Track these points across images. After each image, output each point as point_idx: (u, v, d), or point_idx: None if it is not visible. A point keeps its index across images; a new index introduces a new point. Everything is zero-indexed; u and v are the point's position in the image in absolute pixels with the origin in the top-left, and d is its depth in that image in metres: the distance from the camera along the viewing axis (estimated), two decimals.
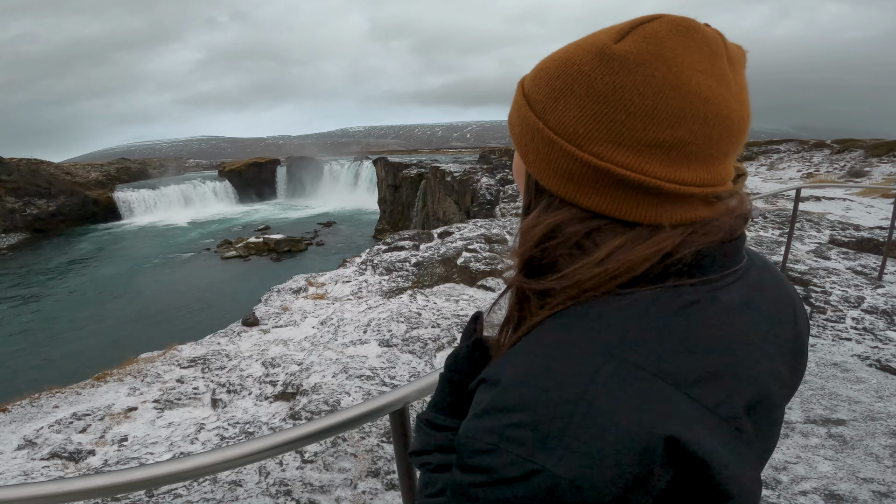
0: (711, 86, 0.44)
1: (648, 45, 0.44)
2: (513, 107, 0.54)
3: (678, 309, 0.44)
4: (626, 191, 0.45)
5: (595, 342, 0.42)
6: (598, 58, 0.46)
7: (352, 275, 6.99)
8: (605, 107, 0.45)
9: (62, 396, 3.55)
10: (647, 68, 0.44)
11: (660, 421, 0.39)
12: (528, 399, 0.41)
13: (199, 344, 4.63)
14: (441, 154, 51.40)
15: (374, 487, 2.21)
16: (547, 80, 0.49)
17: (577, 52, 0.47)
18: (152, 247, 31.00)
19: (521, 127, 0.51)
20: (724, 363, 0.44)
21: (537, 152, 0.49)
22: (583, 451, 0.38)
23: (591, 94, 0.45)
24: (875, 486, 2.29)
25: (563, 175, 0.47)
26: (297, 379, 3.37)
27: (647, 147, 0.44)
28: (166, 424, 3.15)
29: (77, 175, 40.21)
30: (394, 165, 30.78)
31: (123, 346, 12.18)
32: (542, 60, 0.52)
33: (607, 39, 0.46)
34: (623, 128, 0.44)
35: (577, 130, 0.46)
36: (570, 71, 0.47)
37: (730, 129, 0.46)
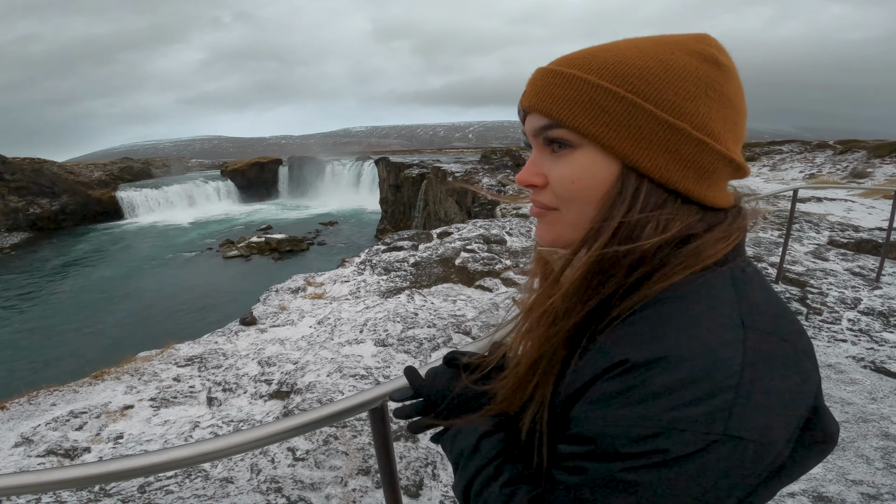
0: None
1: (728, 57, 0.53)
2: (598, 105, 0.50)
3: (751, 280, 0.51)
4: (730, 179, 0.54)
5: (725, 315, 0.46)
6: (716, 67, 0.51)
7: (350, 275, 7.01)
8: (732, 110, 0.52)
9: (60, 394, 3.58)
10: (738, 78, 0.53)
11: (808, 378, 0.46)
12: (695, 375, 0.42)
13: (197, 343, 4.65)
14: (443, 154, 51.41)
15: (364, 485, 2.22)
16: (668, 79, 0.50)
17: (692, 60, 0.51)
18: (154, 246, 31.10)
19: (634, 129, 0.50)
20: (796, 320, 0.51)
21: (673, 154, 0.50)
22: (759, 413, 0.41)
23: (723, 98, 0.51)
24: (864, 488, 2.29)
25: (703, 172, 0.51)
26: (291, 378, 3.39)
27: (741, 140, 0.54)
28: (162, 422, 3.17)
29: (80, 174, 40.36)
30: (395, 165, 30.80)
31: (124, 345, 12.23)
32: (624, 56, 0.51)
33: (711, 50, 0.52)
34: (738, 127, 0.53)
35: (719, 131, 0.51)
36: (697, 74, 0.51)
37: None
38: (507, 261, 6.81)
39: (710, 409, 0.41)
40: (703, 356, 0.42)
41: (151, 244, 31.75)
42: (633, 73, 0.50)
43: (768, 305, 0.49)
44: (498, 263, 6.66)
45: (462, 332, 4.20)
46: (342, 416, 1.16)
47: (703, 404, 0.41)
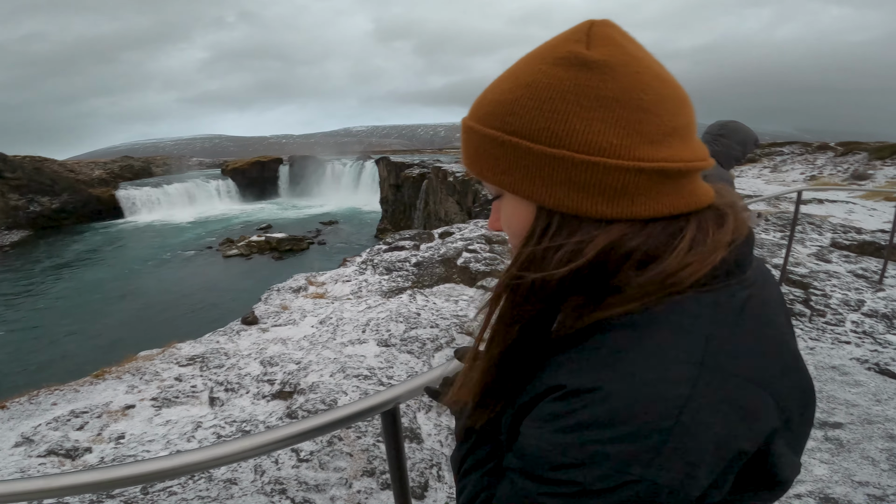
0: (667, 72, 0.47)
1: (613, 48, 0.45)
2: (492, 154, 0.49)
3: (739, 309, 0.45)
4: (672, 184, 0.46)
5: (684, 350, 0.42)
6: (584, 68, 0.45)
7: (352, 274, 7.00)
8: (624, 110, 0.44)
9: (61, 394, 3.56)
10: (630, 67, 0.45)
11: (754, 425, 0.42)
12: (625, 412, 0.40)
13: (199, 342, 4.64)
14: (443, 154, 51.41)
15: (369, 487, 2.21)
16: (537, 107, 0.46)
17: (554, 69, 0.46)
18: (154, 245, 31.09)
19: (525, 169, 0.47)
20: (785, 358, 0.47)
21: (567, 184, 0.45)
22: (684, 461, 0.39)
23: (602, 102, 0.44)
24: (870, 489, 2.28)
25: (611, 192, 0.45)
26: (294, 378, 3.37)
27: (668, 136, 0.45)
28: (164, 422, 3.16)
29: (81, 173, 40.34)
30: (396, 165, 30.79)
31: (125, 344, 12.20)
32: (492, 94, 0.49)
33: (577, 48, 0.45)
34: (647, 126, 0.44)
35: (611, 142, 0.44)
36: (562, 87, 0.45)
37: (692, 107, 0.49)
38: (510, 261, 6.80)
39: (633, 449, 0.39)
40: (640, 392, 0.40)
41: (151, 243, 31.74)
42: (505, 110, 0.47)
43: (750, 341, 0.44)
44: (500, 264, 6.65)
45: (465, 333, 4.19)
46: (355, 420, 1.15)
47: (627, 443, 0.39)
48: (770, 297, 0.51)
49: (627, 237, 0.45)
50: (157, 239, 32.73)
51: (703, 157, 0.48)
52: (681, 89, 0.47)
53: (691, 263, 0.44)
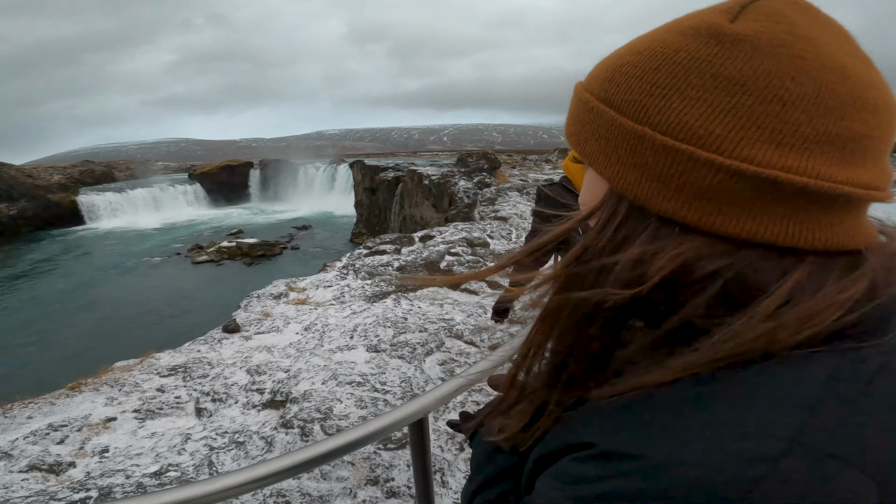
0: (867, 70, 0.36)
1: (778, 23, 0.36)
2: (579, 120, 0.44)
3: (868, 379, 0.34)
4: (794, 205, 0.35)
5: (770, 421, 0.32)
6: (714, 40, 0.36)
7: (333, 279, 6.91)
8: (748, 97, 0.34)
9: (36, 407, 3.40)
10: (790, 49, 0.35)
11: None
12: (675, 490, 0.31)
13: (179, 352, 4.50)
14: (418, 157, 51.45)
15: (373, 496, 2.18)
16: (639, 75, 0.38)
17: (677, 38, 0.38)
18: (118, 252, 29.98)
19: (604, 141, 0.40)
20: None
21: (643, 168, 0.38)
22: None
23: (720, 84, 0.35)
24: None
25: (694, 193, 0.36)
26: (285, 386, 3.31)
27: (817, 144, 0.34)
28: (149, 435, 3.05)
29: (39, 178, 38.63)
30: (370, 168, 30.59)
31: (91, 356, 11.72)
32: (609, 57, 0.43)
33: (717, 19, 0.37)
34: (779, 122, 0.34)
35: (711, 130, 0.35)
36: (677, 58, 0.37)
37: (894, 120, 0.37)
38: (492, 263, 6.83)
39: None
40: (699, 467, 0.31)
41: (114, 250, 30.60)
42: (606, 75, 0.41)
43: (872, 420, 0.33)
44: (483, 266, 6.69)
45: (454, 336, 4.18)
46: (386, 433, 1.14)
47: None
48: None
49: (707, 258, 0.36)
50: (121, 246, 31.58)
51: (871, 184, 0.35)
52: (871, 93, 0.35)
53: (783, 325, 0.34)
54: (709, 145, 0.35)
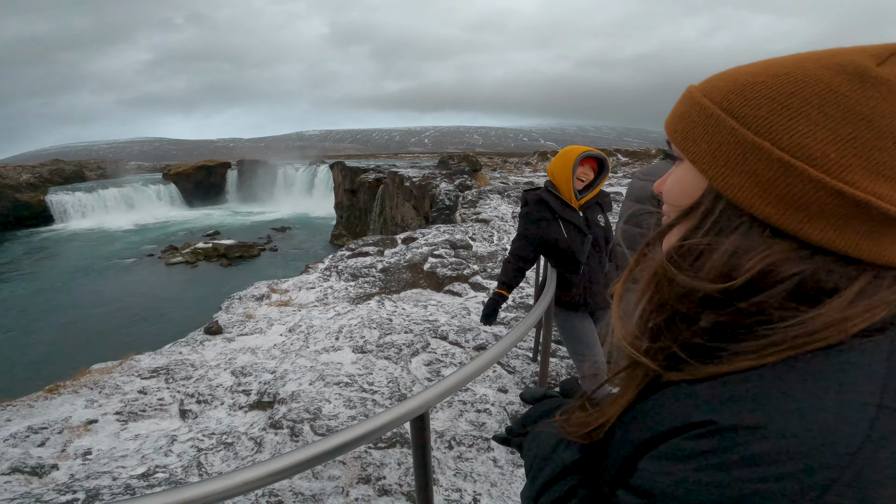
0: None
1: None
2: (691, 121, 0.48)
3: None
4: (873, 226, 0.41)
5: (860, 392, 0.38)
6: (858, 79, 0.41)
7: (316, 281, 6.88)
8: (868, 132, 0.40)
9: (14, 409, 3.32)
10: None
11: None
12: (794, 450, 0.36)
13: (160, 353, 4.43)
14: (399, 159, 51.34)
15: (366, 494, 2.21)
16: (772, 97, 0.43)
17: (821, 71, 0.43)
18: (88, 253, 29.12)
19: (716, 144, 0.46)
20: None
21: (751, 175, 0.43)
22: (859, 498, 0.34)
23: (848, 116, 0.40)
24: None
25: (794, 203, 0.41)
26: (272, 387, 3.30)
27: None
28: (132, 437, 3.01)
29: (7, 177, 37.29)
30: (351, 170, 30.41)
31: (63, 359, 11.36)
32: (736, 73, 0.47)
33: (866, 61, 0.42)
34: (888, 157, 0.40)
35: (827, 155, 0.40)
36: (816, 89, 0.42)
37: None
38: (475, 265, 6.90)
39: (802, 486, 0.35)
40: (812, 430, 0.36)
41: (85, 251, 29.70)
42: (733, 89, 0.46)
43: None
44: (466, 268, 6.74)
45: (439, 337, 4.23)
46: (387, 429, 1.17)
47: (795, 480, 0.35)
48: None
49: (791, 260, 0.42)
50: (92, 247, 30.67)
51: None
52: None
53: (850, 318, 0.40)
54: (821, 166, 0.40)
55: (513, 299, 5.34)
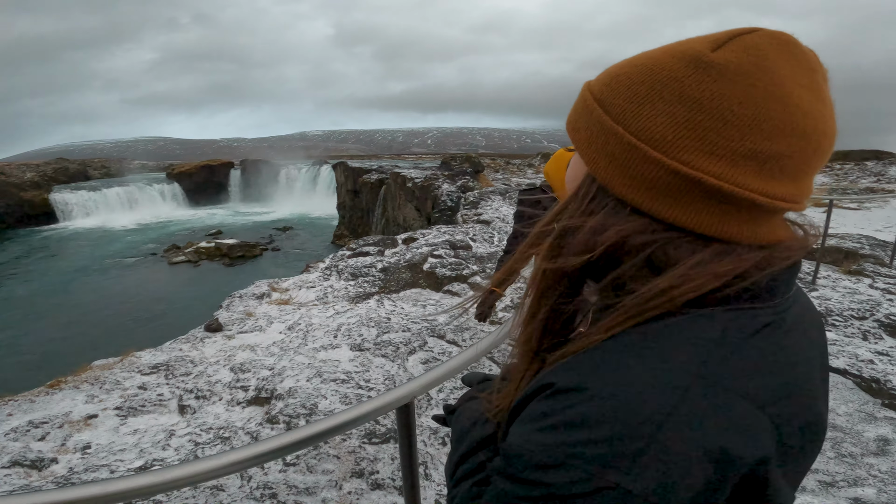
0: (811, 100, 0.44)
1: (749, 55, 0.43)
2: (578, 111, 0.52)
3: (755, 331, 0.44)
4: (712, 203, 0.44)
5: (681, 361, 0.41)
6: (692, 65, 0.44)
7: (316, 280, 6.93)
8: (700, 114, 0.43)
9: (15, 404, 3.36)
10: (748, 78, 0.42)
11: (742, 442, 0.39)
12: (611, 414, 0.38)
13: (160, 350, 4.48)
14: (402, 159, 51.38)
15: (359, 488, 2.24)
16: (628, 85, 0.47)
17: (666, 59, 0.46)
18: (91, 252, 29.24)
19: (589, 132, 0.50)
20: (794, 384, 0.45)
21: (611, 157, 0.47)
22: (659, 470, 0.37)
23: (683, 100, 0.43)
24: (821, 476, 2.48)
25: (643, 182, 0.45)
26: (269, 384, 3.34)
27: (742, 158, 0.42)
28: (131, 431, 3.05)
29: (11, 175, 37.48)
30: (354, 170, 30.49)
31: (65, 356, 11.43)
32: (615, 66, 0.51)
33: (702, 48, 0.45)
34: (718, 136, 0.42)
35: (665, 136, 0.44)
36: (660, 76, 0.45)
37: (822, 146, 0.45)
38: (474, 266, 6.94)
39: (612, 452, 0.37)
40: (627, 395, 0.39)
41: (88, 250, 29.83)
42: (606, 81, 0.50)
43: (757, 363, 0.42)
44: (465, 269, 6.78)
45: (437, 336, 4.26)
46: (372, 416, 1.20)
47: (605, 446, 0.38)
48: (799, 328, 0.49)
49: (642, 234, 0.45)
50: (95, 246, 30.81)
51: (780, 196, 0.44)
52: (804, 121, 0.43)
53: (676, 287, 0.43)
54: (660, 148, 0.44)
55: (510, 299, 5.37)
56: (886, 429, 2.91)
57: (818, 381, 0.49)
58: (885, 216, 10.81)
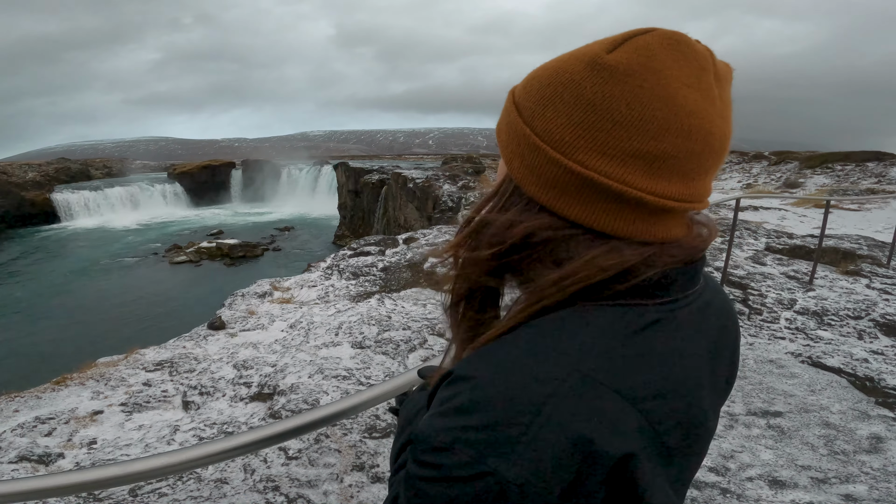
0: (697, 100, 0.45)
1: (640, 56, 0.45)
2: (502, 113, 0.54)
3: (640, 328, 0.45)
4: (606, 201, 0.46)
5: (562, 354, 0.43)
6: (589, 67, 0.46)
7: (318, 279, 6.99)
8: (593, 115, 0.45)
9: (22, 400, 3.43)
10: (636, 79, 0.44)
11: (608, 436, 0.40)
12: (490, 402, 0.41)
13: (164, 348, 4.54)
14: (403, 160, 51.45)
15: (360, 481, 2.30)
16: (537, 88, 0.49)
17: (570, 62, 0.48)
18: (93, 251, 29.31)
19: (507, 133, 0.52)
20: (674, 382, 0.46)
21: (522, 157, 0.49)
22: (532, 458, 0.39)
23: (579, 102, 0.45)
24: (813, 472, 2.52)
25: (547, 182, 0.47)
26: (272, 380, 3.40)
27: (630, 157, 0.44)
28: (136, 427, 3.11)
29: (13, 175, 37.62)
30: (355, 171, 30.56)
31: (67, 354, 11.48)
32: (534, 70, 0.52)
33: (600, 49, 0.46)
34: (608, 137, 0.44)
35: (564, 138, 0.46)
36: (561, 79, 0.47)
37: (711, 145, 0.46)
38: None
39: (490, 439, 0.40)
40: (507, 385, 0.41)
41: (89, 249, 29.90)
42: (524, 83, 0.52)
43: (635, 361, 0.44)
44: None
45: (437, 335, 4.31)
46: (373, 403, 1.25)
47: (485, 433, 0.40)
48: (694, 326, 0.50)
49: (545, 229, 0.47)
50: (97, 245, 30.89)
51: (669, 195, 0.46)
52: (688, 121, 0.44)
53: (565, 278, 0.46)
54: (559, 148, 0.46)
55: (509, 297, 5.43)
56: (879, 426, 2.95)
57: (706, 381, 0.50)
58: (886, 217, 10.85)
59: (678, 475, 0.48)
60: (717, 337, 0.54)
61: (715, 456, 2.65)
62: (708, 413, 0.50)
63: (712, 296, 0.55)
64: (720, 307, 0.56)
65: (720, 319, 0.55)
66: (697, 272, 0.51)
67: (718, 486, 2.42)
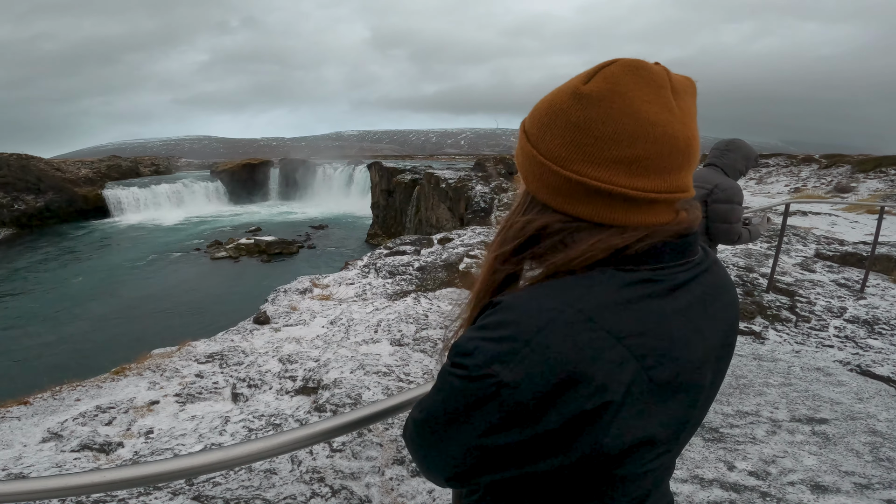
0: (658, 112, 0.56)
1: (607, 83, 0.57)
2: (518, 142, 0.67)
3: (631, 282, 0.57)
4: (599, 199, 0.58)
5: (565, 294, 0.56)
6: (572, 97, 0.58)
7: (355, 277, 7.15)
8: (579, 134, 0.57)
9: (83, 390, 3.67)
10: (606, 102, 0.56)
11: (589, 362, 0.51)
12: (506, 323, 0.54)
13: (214, 340, 4.76)
14: (435, 160, 51.62)
15: (400, 474, 2.38)
16: (538, 118, 0.62)
17: (559, 94, 0.60)
18: (140, 246, 30.71)
19: (521, 156, 0.65)
20: (658, 325, 0.56)
21: (534, 174, 0.62)
22: (527, 366, 0.51)
23: (568, 125, 0.58)
24: (856, 478, 2.49)
25: (553, 189, 0.60)
26: (316, 374, 3.53)
27: (612, 163, 0.56)
28: (190, 417, 3.29)
29: (67, 171, 39.79)
30: (388, 170, 30.92)
31: (122, 345, 12.10)
32: (537, 102, 0.66)
33: (578, 82, 0.59)
34: (593, 149, 0.57)
35: (561, 154, 0.59)
36: (553, 108, 0.60)
37: (677, 146, 0.57)
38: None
39: (500, 349, 0.52)
40: (522, 311, 0.54)
41: (137, 244, 31.34)
42: (532, 112, 0.65)
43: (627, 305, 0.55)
44: None
45: None
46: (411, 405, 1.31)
47: (498, 343, 0.53)
48: (681, 287, 0.61)
49: (555, 224, 0.61)
50: (143, 240, 32.33)
51: (643, 187, 0.57)
52: (653, 129, 0.56)
53: (572, 257, 0.59)
54: (558, 162, 0.59)
55: None
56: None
57: (694, 331, 0.60)
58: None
59: (674, 414, 0.59)
60: (706, 297, 0.64)
61: (756, 460, 2.63)
62: (702, 365, 0.61)
63: (711, 267, 0.67)
64: (716, 275, 0.67)
65: (713, 286, 0.66)
66: (688, 245, 0.63)
67: (758, 489, 2.40)
